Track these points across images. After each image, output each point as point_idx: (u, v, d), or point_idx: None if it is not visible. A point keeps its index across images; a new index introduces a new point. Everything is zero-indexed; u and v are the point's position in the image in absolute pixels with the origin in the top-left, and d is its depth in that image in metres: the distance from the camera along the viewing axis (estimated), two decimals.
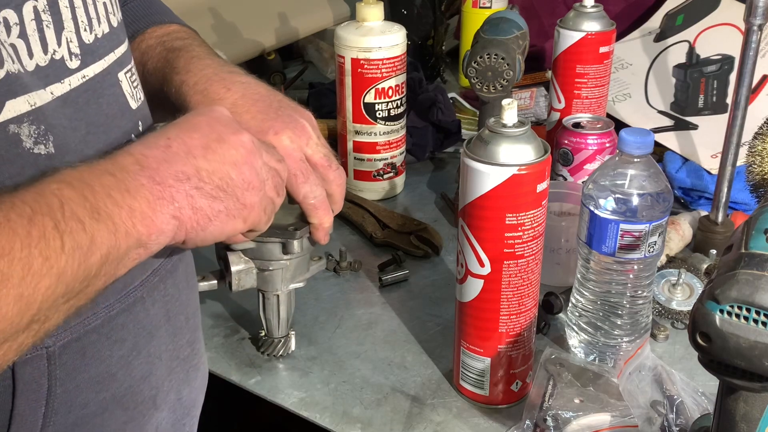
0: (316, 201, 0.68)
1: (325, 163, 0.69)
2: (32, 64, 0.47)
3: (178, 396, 0.64)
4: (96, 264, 0.45)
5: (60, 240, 0.42)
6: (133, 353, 0.57)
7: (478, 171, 0.66)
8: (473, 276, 0.70)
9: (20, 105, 0.46)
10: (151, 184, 0.49)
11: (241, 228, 0.57)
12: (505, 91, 0.96)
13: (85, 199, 0.45)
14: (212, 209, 0.53)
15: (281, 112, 0.68)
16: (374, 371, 0.81)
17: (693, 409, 0.71)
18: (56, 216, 0.43)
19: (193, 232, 0.52)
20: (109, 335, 0.55)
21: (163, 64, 0.70)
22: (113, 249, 0.46)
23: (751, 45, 0.87)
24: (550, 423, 0.71)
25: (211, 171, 0.53)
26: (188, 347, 0.65)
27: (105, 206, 0.46)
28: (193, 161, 0.52)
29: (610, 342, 0.79)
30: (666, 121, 1.20)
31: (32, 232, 0.41)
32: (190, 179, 0.52)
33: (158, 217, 0.49)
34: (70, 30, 0.50)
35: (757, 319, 0.45)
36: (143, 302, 0.57)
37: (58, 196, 0.44)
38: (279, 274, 0.76)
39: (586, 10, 1.04)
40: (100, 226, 0.45)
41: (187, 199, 0.51)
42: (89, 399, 0.54)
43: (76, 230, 0.43)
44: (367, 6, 1.07)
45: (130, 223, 0.47)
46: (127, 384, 0.57)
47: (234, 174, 0.54)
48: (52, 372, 0.51)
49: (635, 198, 0.74)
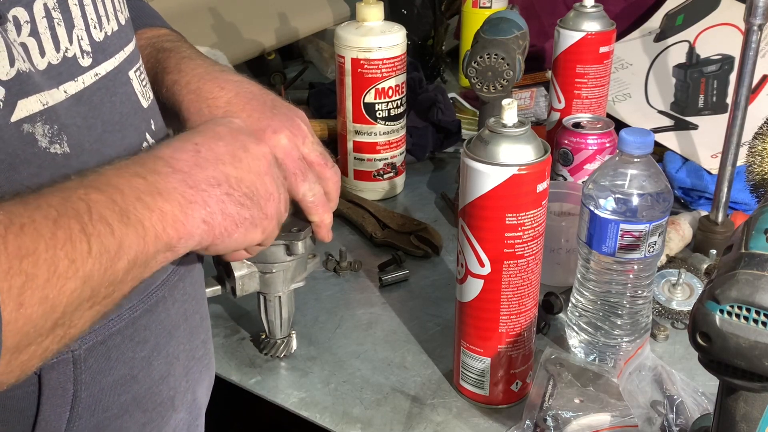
0: (315, 198, 0.68)
1: (321, 161, 0.69)
2: (44, 62, 0.47)
3: (194, 396, 0.64)
4: (123, 269, 0.44)
5: (87, 243, 0.42)
6: (154, 354, 0.57)
7: (478, 171, 0.66)
8: (473, 276, 0.71)
9: (32, 104, 0.46)
10: (183, 187, 0.49)
11: (258, 239, 0.57)
12: (505, 91, 0.96)
13: (113, 203, 0.44)
14: (240, 216, 0.53)
15: (276, 111, 0.68)
16: (374, 371, 0.81)
17: (693, 409, 0.71)
18: (83, 219, 0.42)
19: (219, 238, 0.52)
20: (132, 337, 0.54)
21: (153, 65, 0.70)
22: (141, 253, 0.45)
23: (751, 45, 0.87)
24: (550, 423, 0.71)
25: (239, 179, 0.54)
26: (203, 347, 0.66)
27: (135, 210, 0.45)
28: (222, 168, 0.53)
29: (610, 342, 0.79)
30: (666, 121, 1.20)
31: (58, 233, 0.40)
32: (221, 185, 0.52)
33: (189, 221, 0.49)
34: (81, 28, 0.50)
35: (757, 319, 0.45)
36: (164, 302, 0.58)
37: (85, 200, 0.43)
38: (281, 276, 0.76)
39: (586, 10, 1.04)
40: (129, 230, 0.45)
41: (219, 205, 0.52)
42: (112, 402, 0.54)
43: (103, 234, 0.43)
44: (367, 6, 1.07)
45: (161, 227, 0.47)
46: (147, 385, 0.57)
47: (258, 184, 0.55)
48: (78, 376, 0.50)
49: (635, 198, 0.74)
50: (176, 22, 1.45)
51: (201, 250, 0.53)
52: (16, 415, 0.49)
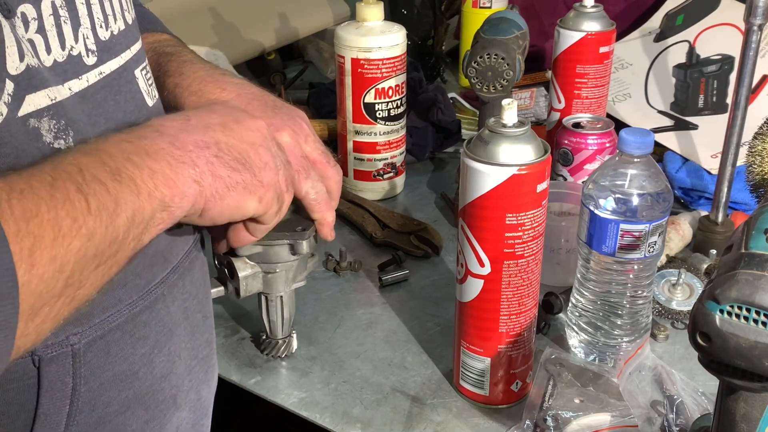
0: (317, 196, 0.68)
1: (323, 159, 0.69)
2: (50, 59, 0.47)
3: (197, 396, 0.64)
4: (123, 226, 0.45)
5: (85, 201, 0.43)
6: (154, 351, 0.57)
7: (478, 171, 0.66)
8: (473, 276, 0.71)
9: (40, 99, 0.46)
10: (171, 148, 0.50)
11: (254, 208, 0.56)
12: (505, 91, 0.96)
13: (104, 164, 0.45)
14: (231, 179, 0.53)
15: (278, 110, 0.69)
16: (374, 371, 0.81)
17: (693, 409, 0.71)
18: (77, 180, 0.43)
19: (212, 200, 0.52)
20: (132, 333, 0.55)
21: (154, 69, 0.71)
22: (138, 211, 0.46)
23: (751, 45, 0.87)
24: (550, 423, 0.71)
25: (229, 144, 0.54)
26: (207, 347, 0.66)
27: (125, 168, 0.46)
28: (211, 133, 0.53)
29: (610, 342, 0.79)
30: (666, 121, 1.20)
31: (55, 195, 0.41)
32: (209, 147, 0.52)
33: (180, 180, 0.50)
34: (86, 26, 0.51)
35: (757, 319, 0.45)
36: (164, 299, 0.58)
37: (75, 164, 0.44)
38: (283, 276, 0.76)
39: (586, 10, 1.04)
40: (123, 187, 0.45)
41: (208, 166, 0.52)
42: (112, 397, 0.54)
43: (99, 192, 0.44)
44: (367, 6, 1.07)
45: (152, 184, 0.47)
46: (149, 382, 0.57)
47: (252, 153, 0.56)
48: (77, 370, 0.51)
49: (635, 198, 0.74)
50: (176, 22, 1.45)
51: (195, 218, 0.53)
52: (17, 407, 0.49)
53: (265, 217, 0.59)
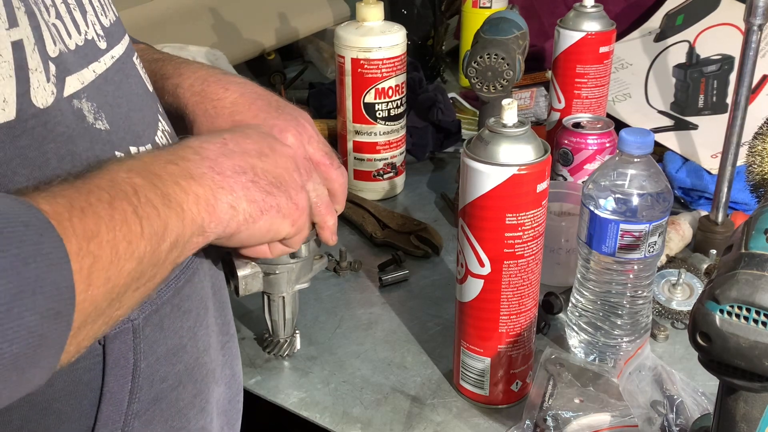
0: (318, 199, 0.68)
1: (327, 161, 0.69)
2: (72, 43, 0.48)
3: (232, 371, 0.66)
4: (165, 250, 0.46)
5: (140, 225, 0.43)
6: (197, 324, 0.58)
7: (478, 171, 0.66)
8: (473, 276, 0.71)
9: (75, 81, 0.47)
10: (212, 173, 0.51)
11: (287, 230, 0.58)
12: (505, 91, 0.96)
13: (155, 187, 0.46)
14: (266, 203, 0.55)
15: (281, 110, 0.69)
16: (374, 371, 0.81)
17: (693, 409, 0.71)
18: (133, 202, 0.44)
19: (244, 224, 0.53)
20: (179, 306, 0.56)
21: (149, 74, 0.71)
22: (180, 236, 0.47)
23: (751, 45, 0.87)
24: (550, 423, 0.71)
25: (265, 170, 0.56)
26: (232, 326, 0.67)
27: (174, 193, 0.47)
28: (248, 159, 0.55)
29: (610, 342, 0.79)
30: (666, 121, 1.20)
31: (115, 216, 0.42)
32: (246, 173, 0.54)
33: (219, 206, 0.51)
34: (91, 13, 0.52)
35: (757, 319, 0.45)
36: (198, 274, 0.59)
37: (130, 184, 0.45)
38: (285, 277, 0.76)
39: (586, 10, 1.04)
40: (171, 212, 0.46)
41: (244, 191, 0.53)
42: (167, 373, 0.55)
43: (152, 216, 0.45)
44: (367, 6, 1.07)
45: (196, 210, 0.49)
46: (195, 356, 0.58)
47: (287, 176, 0.57)
48: (137, 346, 0.52)
49: (635, 198, 0.74)
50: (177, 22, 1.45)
51: (224, 240, 0.54)
52: (84, 387, 0.50)
53: (294, 240, 0.61)
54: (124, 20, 0.59)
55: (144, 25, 1.29)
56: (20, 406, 0.47)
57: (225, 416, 0.64)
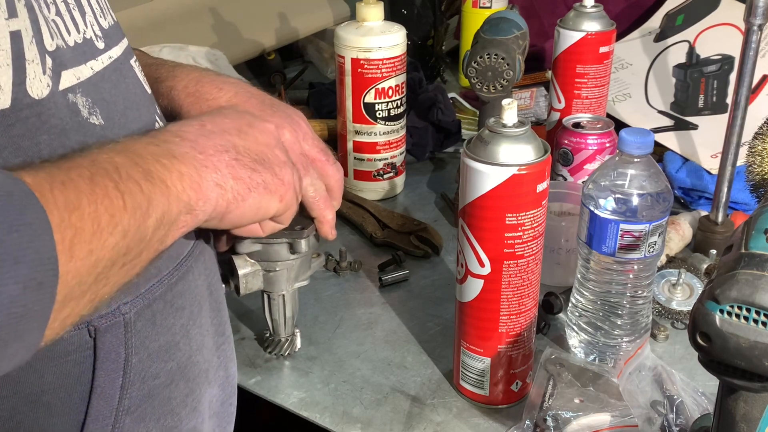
0: (316, 194, 0.68)
1: (323, 157, 0.70)
2: (71, 40, 0.49)
3: (226, 373, 0.65)
4: (151, 226, 0.46)
5: (122, 199, 0.43)
6: (190, 322, 0.58)
7: (478, 171, 0.66)
8: (473, 276, 0.71)
9: (71, 76, 0.48)
10: (194, 152, 0.51)
11: (276, 207, 0.57)
12: (505, 91, 0.96)
13: (136, 165, 0.46)
14: (252, 180, 0.55)
15: (275, 109, 0.69)
16: (374, 371, 0.81)
17: (693, 409, 0.71)
18: (114, 177, 0.44)
19: (234, 202, 0.53)
20: (172, 302, 0.56)
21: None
22: (166, 212, 0.47)
23: (751, 45, 0.87)
24: (550, 423, 0.71)
25: (246, 147, 0.56)
26: (228, 327, 0.67)
27: (156, 170, 0.47)
28: (228, 137, 0.55)
29: (610, 342, 0.79)
30: (666, 121, 1.20)
31: (96, 190, 0.42)
32: (228, 151, 0.54)
33: (204, 183, 0.51)
34: (90, 14, 0.52)
35: (757, 319, 0.45)
36: (192, 272, 0.59)
37: (111, 162, 0.45)
38: (284, 275, 0.76)
39: (586, 10, 1.04)
40: (155, 188, 0.46)
41: (228, 168, 0.53)
42: (159, 369, 0.55)
43: (134, 191, 0.45)
44: (367, 6, 1.07)
45: (180, 187, 0.49)
46: (188, 354, 0.58)
47: (269, 153, 0.57)
48: (128, 340, 0.52)
49: (635, 198, 0.74)
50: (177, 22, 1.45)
51: (216, 222, 0.54)
52: (73, 380, 0.50)
53: (284, 217, 0.60)
54: (124, 20, 0.59)
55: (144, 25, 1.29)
56: (8, 397, 0.47)
57: (217, 418, 0.64)
